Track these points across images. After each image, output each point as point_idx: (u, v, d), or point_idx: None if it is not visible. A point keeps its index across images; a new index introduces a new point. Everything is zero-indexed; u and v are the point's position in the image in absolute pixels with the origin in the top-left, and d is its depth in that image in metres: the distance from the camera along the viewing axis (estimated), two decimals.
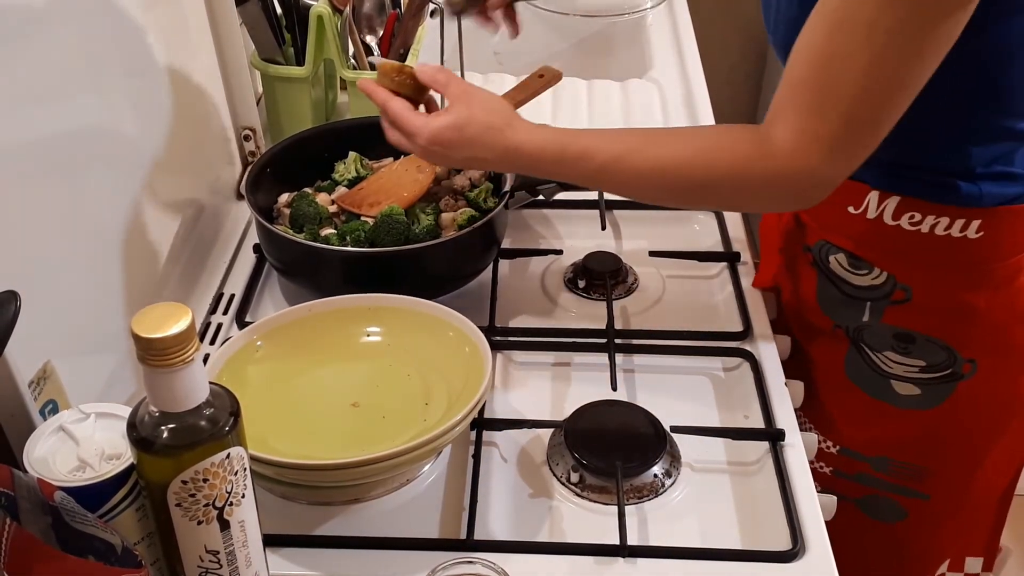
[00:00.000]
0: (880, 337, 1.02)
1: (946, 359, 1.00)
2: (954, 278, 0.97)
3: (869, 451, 1.09)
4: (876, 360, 1.03)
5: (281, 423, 0.87)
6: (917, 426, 1.05)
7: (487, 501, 0.88)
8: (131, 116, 0.98)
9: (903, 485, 1.09)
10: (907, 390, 1.03)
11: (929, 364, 1.01)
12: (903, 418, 1.05)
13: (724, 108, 1.58)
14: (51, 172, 0.83)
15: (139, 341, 0.59)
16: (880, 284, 1.00)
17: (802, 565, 0.81)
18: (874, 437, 1.08)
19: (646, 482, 0.89)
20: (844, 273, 1.02)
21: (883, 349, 1.02)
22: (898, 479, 1.09)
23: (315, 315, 0.96)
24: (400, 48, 1.32)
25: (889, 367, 1.03)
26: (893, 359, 1.02)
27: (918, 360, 1.01)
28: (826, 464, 1.13)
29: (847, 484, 1.12)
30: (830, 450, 1.11)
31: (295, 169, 1.16)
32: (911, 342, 1.01)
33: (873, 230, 0.96)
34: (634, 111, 1.46)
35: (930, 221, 0.93)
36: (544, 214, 1.24)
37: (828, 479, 1.13)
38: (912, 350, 1.01)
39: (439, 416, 0.86)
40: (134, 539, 0.69)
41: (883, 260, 0.98)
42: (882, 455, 1.09)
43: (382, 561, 0.82)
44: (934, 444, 1.07)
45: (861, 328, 1.03)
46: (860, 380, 1.06)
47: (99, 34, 0.91)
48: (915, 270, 0.98)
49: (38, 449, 0.68)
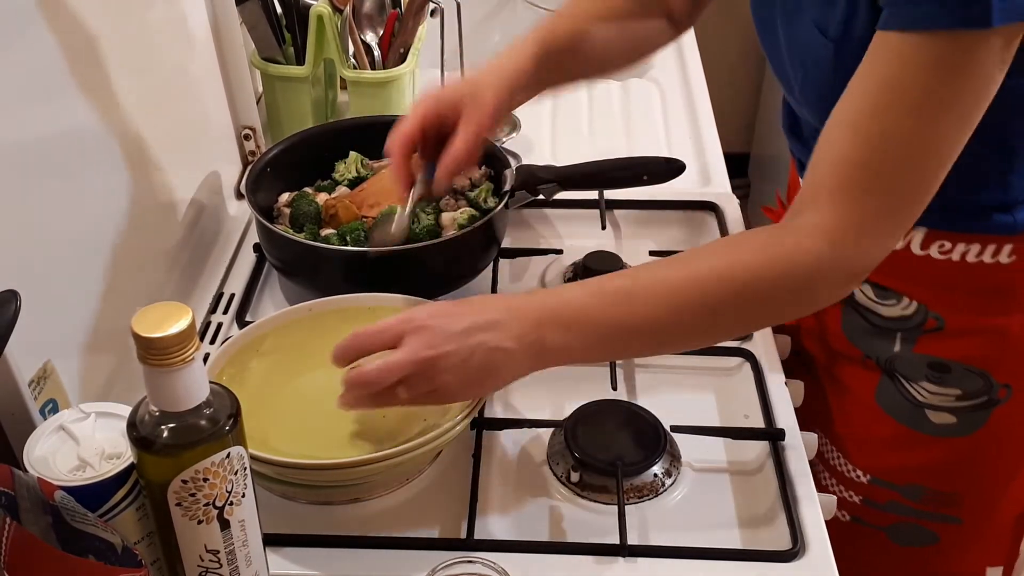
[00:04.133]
0: (914, 367, 0.99)
1: (982, 386, 0.98)
2: (987, 303, 0.95)
3: (901, 480, 1.06)
4: (911, 390, 1.00)
5: (281, 423, 0.87)
6: (951, 453, 1.02)
7: (487, 501, 0.88)
8: (131, 116, 0.98)
9: (937, 512, 1.07)
10: (942, 419, 1.00)
11: (965, 392, 0.98)
12: (936, 446, 1.02)
13: (724, 108, 1.58)
14: (51, 172, 0.83)
15: (139, 341, 0.59)
16: (911, 314, 0.98)
17: (802, 565, 0.81)
18: (906, 465, 1.05)
19: (646, 482, 0.89)
20: (871, 304, 1.00)
21: (918, 379, 0.99)
22: (931, 506, 1.06)
23: (315, 315, 0.96)
24: (400, 48, 1.32)
25: (924, 397, 1.00)
26: (928, 389, 0.99)
27: (954, 389, 0.98)
28: (856, 493, 1.09)
29: (876, 513, 1.09)
30: (860, 479, 1.08)
31: (295, 169, 1.16)
32: (947, 371, 0.98)
33: (900, 260, 0.93)
34: (634, 111, 1.46)
35: (961, 249, 0.91)
36: (544, 214, 1.24)
37: (857, 508, 1.10)
38: (948, 379, 0.98)
39: (439, 416, 0.86)
40: (134, 539, 0.69)
41: (912, 290, 0.96)
42: (915, 483, 1.05)
43: (382, 561, 0.82)
44: (968, 470, 1.04)
45: (893, 358, 1.00)
46: (892, 409, 1.03)
47: (99, 34, 0.91)
48: (947, 298, 0.95)
49: (38, 448, 0.68)
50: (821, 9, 0.84)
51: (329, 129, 1.23)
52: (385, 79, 1.29)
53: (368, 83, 1.29)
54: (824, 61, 0.85)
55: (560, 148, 1.38)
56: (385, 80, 1.29)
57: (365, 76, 1.29)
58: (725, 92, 2.54)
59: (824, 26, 0.84)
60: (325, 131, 1.21)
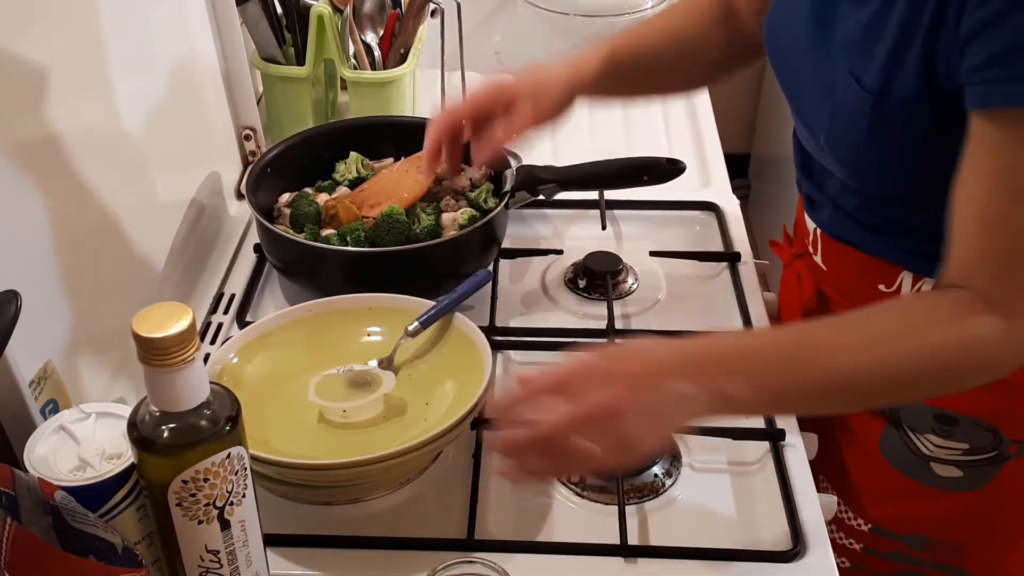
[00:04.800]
0: (920, 418, 0.96)
1: (991, 441, 0.94)
2: None
3: (904, 530, 1.03)
4: (916, 442, 0.97)
5: (281, 423, 0.87)
6: (957, 506, 0.99)
7: (487, 501, 0.88)
8: (131, 116, 0.98)
9: (940, 562, 1.03)
10: (948, 472, 0.97)
11: (973, 447, 0.95)
12: (942, 498, 0.99)
13: (724, 108, 1.58)
14: (51, 172, 0.84)
15: (140, 341, 0.59)
16: None
17: (802, 565, 0.81)
18: (910, 516, 1.02)
19: (646, 482, 0.89)
20: None
21: (924, 431, 0.96)
22: (936, 556, 1.03)
23: (315, 315, 0.97)
24: (400, 48, 1.32)
25: (930, 450, 0.96)
26: (934, 442, 0.96)
27: (961, 443, 0.95)
28: (856, 541, 1.06)
29: (878, 561, 1.06)
30: (861, 528, 1.05)
31: (295, 169, 1.16)
32: (953, 424, 0.94)
33: None
34: (634, 111, 1.46)
35: None
36: (544, 214, 1.24)
37: (857, 555, 1.07)
38: (955, 432, 0.95)
39: (439, 416, 0.86)
40: (134, 539, 0.69)
41: None
42: (919, 533, 1.02)
43: (382, 561, 0.82)
44: (974, 522, 1.01)
45: (899, 408, 0.97)
46: (896, 460, 0.99)
47: (99, 34, 0.91)
48: None
49: (39, 448, 0.68)
50: (856, 60, 0.80)
51: (329, 129, 1.23)
52: (385, 79, 1.29)
53: (368, 83, 1.29)
54: (858, 112, 0.80)
55: (560, 148, 1.38)
56: (385, 80, 1.29)
57: (365, 76, 1.29)
58: (725, 92, 2.53)
59: (860, 76, 0.79)
60: (325, 131, 1.21)
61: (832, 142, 0.85)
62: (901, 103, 0.76)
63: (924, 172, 0.81)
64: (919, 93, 0.75)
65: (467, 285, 0.98)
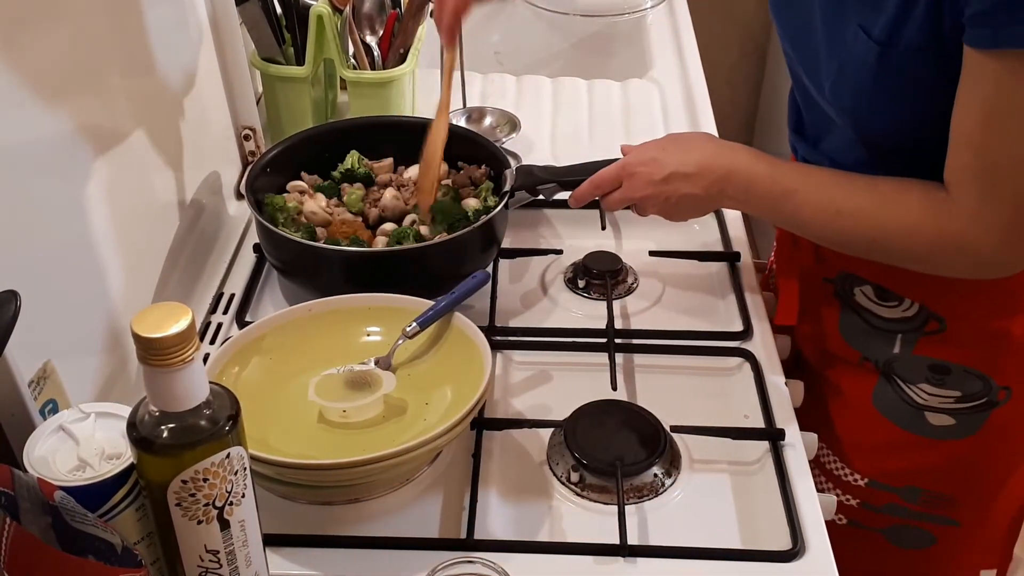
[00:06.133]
0: (914, 369, 1.00)
1: (982, 388, 0.98)
2: (989, 305, 0.95)
3: (899, 482, 1.07)
4: (909, 392, 1.01)
5: (281, 423, 0.87)
6: (949, 455, 1.03)
7: (487, 501, 0.88)
8: (131, 116, 0.98)
9: (934, 513, 1.07)
10: (941, 421, 1.01)
11: (965, 394, 0.99)
12: (934, 448, 1.03)
13: (724, 108, 1.58)
14: (51, 172, 0.84)
15: (139, 341, 0.59)
16: (912, 316, 0.98)
17: (802, 565, 0.81)
18: (904, 468, 1.06)
19: (646, 482, 0.89)
20: (871, 305, 1.00)
21: (917, 381, 1.00)
22: (929, 508, 1.07)
23: (315, 315, 0.96)
24: (400, 48, 1.32)
25: (923, 399, 1.00)
26: (928, 391, 1.00)
27: (954, 391, 0.99)
28: (853, 497, 1.10)
29: (874, 516, 1.09)
30: (858, 483, 1.08)
31: (295, 169, 1.16)
32: (947, 373, 0.99)
33: None
34: (634, 111, 1.46)
35: None
36: (544, 214, 1.24)
37: (855, 511, 1.10)
38: (947, 381, 0.99)
39: (439, 416, 0.86)
40: (134, 539, 0.69)
41: (914, 291, 0.97)
42: (912, 485, 1.06)
43: (382, 561, 0.82)
44: (965, 472, 1.04)
45: (892, 360, 1.01)
46: (890, 412, 1.03)
47: (99, 34, 0.91)
48: (949, 299, 0.96)
49: (38, 449, 0.68)
50: (866, 12, 0.84)
51: (329, 129, 1.23)
52: (385, 79, 1.29)
53: (368, 83, 1.29)
54: (866, 63, 0.85)
55: (560, 148, 1.38)
56: (385, 80, 1.29)
57: (365, 76, 1.29)
58: (725, 92, 2.54)
59: (869, 28, 0.84)
60: (325, 131, 1.21)
61: (836, 91, 0.90)
62: (906, 51, 0.82)
63: (924, 119, 0.86)
64: (924, 42, 0.80)
65: (466, 285, 0.98)
